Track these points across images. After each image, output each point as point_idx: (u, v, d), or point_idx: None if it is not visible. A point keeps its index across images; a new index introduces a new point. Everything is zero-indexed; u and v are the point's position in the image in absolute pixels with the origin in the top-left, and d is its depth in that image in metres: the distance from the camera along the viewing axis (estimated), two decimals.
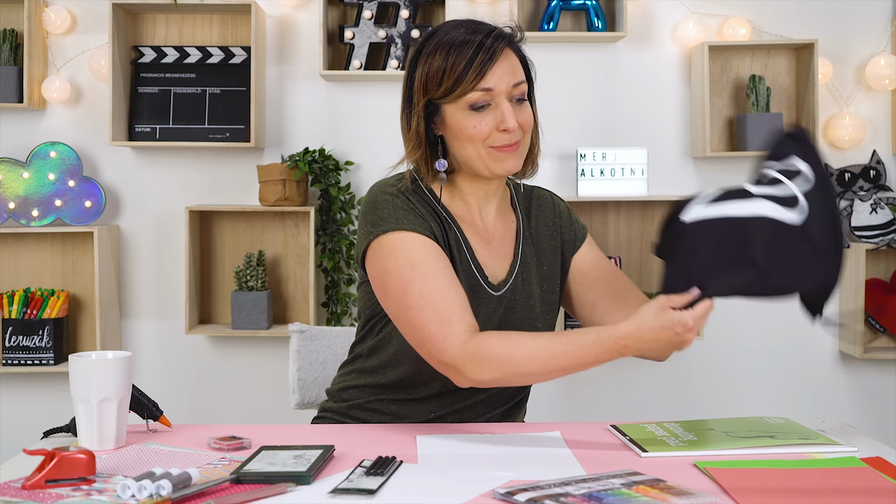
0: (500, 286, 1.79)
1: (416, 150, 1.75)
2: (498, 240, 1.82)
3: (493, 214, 1.83)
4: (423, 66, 1.73)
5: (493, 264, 1.80)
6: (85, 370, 1.54)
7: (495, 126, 1.70)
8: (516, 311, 1.79)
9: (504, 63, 1.71)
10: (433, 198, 1.78)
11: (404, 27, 3.43)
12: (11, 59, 3.43)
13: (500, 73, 1.70)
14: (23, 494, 1.32)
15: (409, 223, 1.70)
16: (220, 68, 3.51)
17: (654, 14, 3.54)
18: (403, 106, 1.78)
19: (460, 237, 1.77)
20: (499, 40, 1.72)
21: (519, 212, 1.86)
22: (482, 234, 1.81)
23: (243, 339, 3.55)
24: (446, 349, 1.60)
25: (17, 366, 3.37)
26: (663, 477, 1.37)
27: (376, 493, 1.32)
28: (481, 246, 1.80)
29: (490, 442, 1.61)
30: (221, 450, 1.56)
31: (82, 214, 3.44)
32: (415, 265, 1.66)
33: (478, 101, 1.70)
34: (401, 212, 1.72)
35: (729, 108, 3.56)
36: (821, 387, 3.61)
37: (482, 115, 1.71)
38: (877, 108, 3.57)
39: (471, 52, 1.69)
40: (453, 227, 1.77)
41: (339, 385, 1.88)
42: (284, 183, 3.35)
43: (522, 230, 1.85)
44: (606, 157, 3.41)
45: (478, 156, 1.72)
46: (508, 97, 1.71)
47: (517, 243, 1.83)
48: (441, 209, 1.78)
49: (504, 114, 1.70)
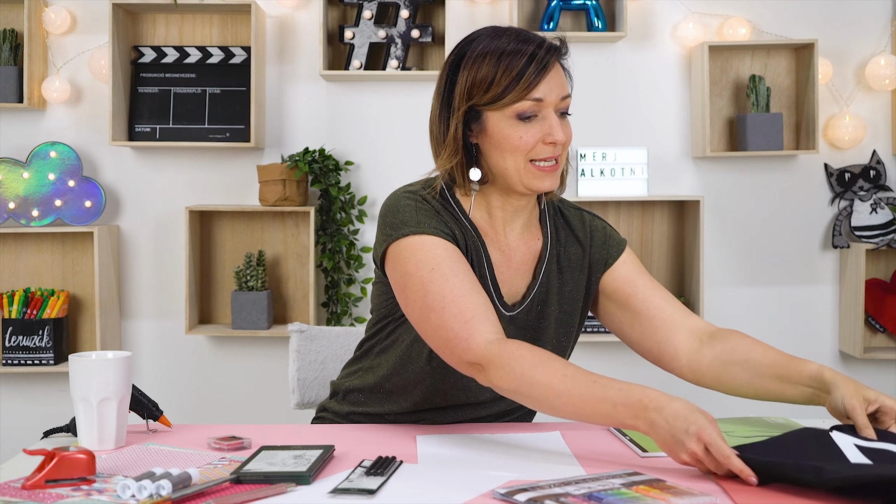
0: (514, 306, 1.75)
1: (452, 156, 1.70)
2: (519, 258, 1.77)
3: (517, 231, 1.78)
4: (468, 71, 1.68)
5: (511, 283, 1.76)
6: (85, 370, 1.54)
7: (541, 138, 1.66)
8: (526, 331, 1.76)
9: (555, 75, 1.68)
10: (460, 210, 1.73)
11: (404, 27, 3.43)
12: (11, 59, 3.43)
13: (551, 85, 1.67)
14: (23, 494, 1.32)
15: (430, 227, 1.66)
16: (220, 68, 3.51)
17: (654, 14, 3.54)
18: (440, 111, 1.72)
19: (482, 251, 1.73)
20: (551, 52, 1.68)
21: (548, 230, 1.81)
22: (504, 250, 1.77)
23: (243, 339, 3.55)
24: (470, 347, 1.56)
25: (17, 366, 3.37)
26: (663, 477, 1.37)
27: (376, 493, 1.32)
28: (501, 263, 1.76)
29: (490, 442, 1.61)
30: (221, 450, 1.56)
31: (82, 214, 3.44)
32: (435, 267, 1.63)
33: (527, 111, 1.66)
34: (422, 215, 1.68)
35: (729, 108, 3.56)
36: None
37: (529, 125, 1.67)
38: (877, 108, 3.57)
39: (524, 61, 1.65)
40: (476, 240, 1.73)
41: (346, 385, 1.86)
42: (284, 183, 3.36)
43: (549, 250, 1.79)
44: (606, 157, 3.41)
45: (516, 169, 1.68)
46: (556, 109, 1.68)
47: (539, 264, 1.78)
48: (466, 220, 1.73)
49: (552, 126, 1.66)
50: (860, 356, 3.44)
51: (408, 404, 1.79)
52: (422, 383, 1.76)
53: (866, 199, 3.54)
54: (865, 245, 3.44)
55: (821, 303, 3.61)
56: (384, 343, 1.81)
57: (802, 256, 3.60)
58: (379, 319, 1.81)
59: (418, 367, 1.74)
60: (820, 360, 3.58)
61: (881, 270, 3.59)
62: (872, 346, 3.58)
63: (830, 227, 3.58)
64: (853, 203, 3.54)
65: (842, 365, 3.61)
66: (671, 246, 3.58)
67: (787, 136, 3.54)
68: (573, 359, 3.45)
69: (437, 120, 1.73)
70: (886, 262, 3.59)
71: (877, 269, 3.59)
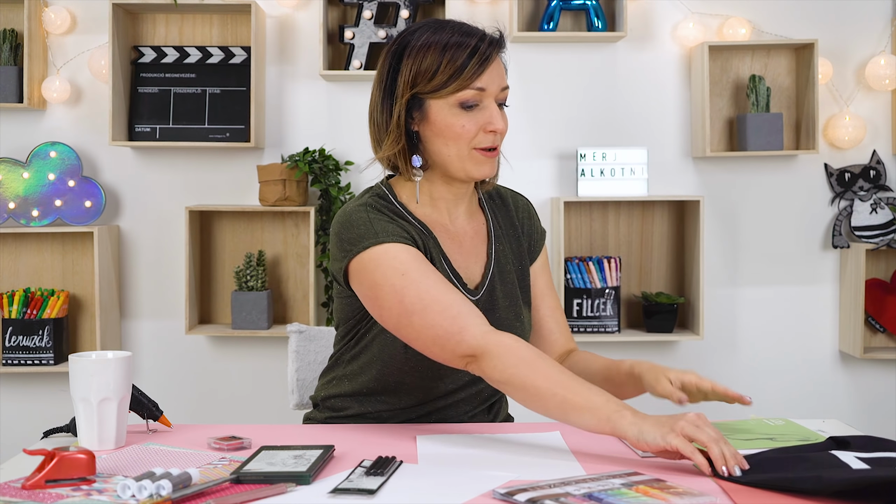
0: (477, 289, 1.79)
1: (395, 143, 1.74)
2: (469, 241, 1.82)
3: (462, 216, 1.83)
4: (412, 61, 1.72)
5: (467, 267, 1.81)
6: (85, 370, 1.54)
7: (482, 126, 1.72)
8: (496, 311, 1.79)
9: (496, 67, 1.73)
10: (406, 210, 1.77)
11: (404, 27, 3.43)
12: (11, 59, 3.43)
13: (493, 76, 1.72)
14: (23, 494, 1.32)
15: (388, 235, 1.68)
16: (220, 68, 3.51)
17: (654, 14, 3.54)
18: (382, 99, 1.75)
19: (436, 244, 1.77)
20: (493, 45, 1.73)
21: (487, 212, 1.87)
22: (454, 237, 1.81)
23: (243, 339, 3.55)
24: (465, 339, 1.59)
25: (17, 366, 3.37)
26: (663, 477, 1.37)
27: (376, 493, 1.32)
28: (454, 249, 1.80)
29: (490, 442, 1.61)
30: (221, 450, 1.56)
31: (82, 214, 3.44)
32: (405, 272, 1.65)
33: (470, 99, 1.71)
34: (378, 225, 1.70)
35: (729, 108, 3.56)
36: (821, 387, 3.61)
37: (470, 114, 1.71)
38: (877, 108, 3.57)
39: (467, 52, 1.70)
40: (428, 237, 1.76)
41: (323, 394, 1.88)
42: (284, 183, 3.35)
43: (494, 229, 1.85)
44: (606, 157, 3.41)
45: (458, 156, 1.72)
46: (496, 100, 1.73)
47: (489, 243, 1.84)
48: (414, 219, 1.77)
49: (493, 115, 1.72)
50: (860, 356, 3.44)
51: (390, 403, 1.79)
52: (400, 380, 1.77)
53: (866, 199, 3.54)
54: (865, 245, 3.44)
55: (821, 303, 3.61)
56: (353, 350, 1.83)
57: (802, 256, 3.60)
58: (347, 332, 1.83)
59: (394, 365, 1.76)
60: (820, 360, 3.61)
61: (881, 270, 3.59)
62: (872, 346, 3.58)
63: (830, 227, 3.58)
64: (853, 203, 3.54)
65: (842, 365, 3.61)
66: (671, 246, 3.57)
67: (787, 136, 3.54)
68: None
69: (380, 108, 1.76)
70: (886, 262, 3.59)
71: (877, 269, 3.59)
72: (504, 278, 1.83)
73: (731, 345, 3.58)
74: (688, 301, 3.48)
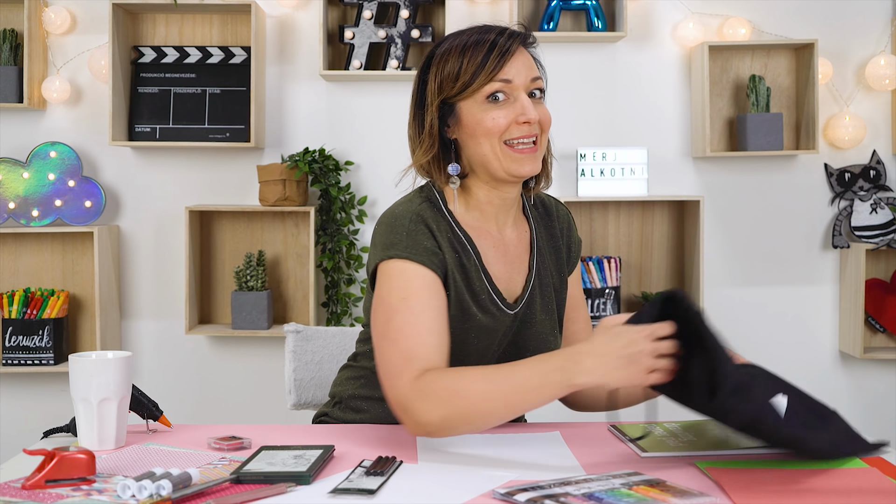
0: (516, 302, 1.75)
1: (428, 151, 1.71)
2: (513, 251, 1.77)
3: (510, 224, 1.78)
4: (436, 69, 1.71)
5: (510, 278, 1.76)
6: (85, 370, 1.54)
7: (514, 118, 1.67)
8: (533, 325, 1.76)
9: (521, 57, 1.69)
10: (452, 218, 1.72)
11: (404, 27, 3.43)
12: (11, 59, 3.43)
13: (518, 67, 1.68)
14: (23, 494, 1.32)
15: (418, 254, 1.64)
16: (220, 68, 3.51)
17: (654, 14, 3.54)
18: (415, 112, 1.74)
19: (476, 259, 1.71)
20: (513, 37, 1.70)
21: (531, 220, 1.81)
22: (499, 246, 1.76)
23: (243, 339, 3.55)
24: (396, 385, 1.54)
25: (17, 366, 3.37)
26: (663, 477, 1.37)
27: (376, 493, 1.32)
28: (498, 260, 1.75)
29: (490, 442, 1.60)
30: (221, 450, 1.56)
31: (82, 214, 3.44)
32: (406, 297, 1.61)
33: (497, 90, 1.67)
34: (413, 238, 1.65)
35: (729, 108, 3.56)
36: (821, 387, 3.61)
37: (500, 107, 1.67)
38: (877, 108, 3.57)
39: (487, 47, 1.67)
40: (471, 249, 1.71)
41: (350, 392, 1.84)
42: (284, 183, 3.36)
43: (536, 240, 1.80)
44: (606, 157, 3.41)
45: (494, 153, 1.68)
46: (526, 90, 1.69)
47: (532, 255, 1.78)
48: (459, 228, 1.72)
49: (524, 105, 1.67)
50: (860, 356, 3.44)
51: None
52: None
53: (866, 199, 3.54)
54: (865, 245, 3.44)
55: (821, 303, 3.61)
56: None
57: (802, 256, 3.60)
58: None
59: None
60: (820, 360, 3.61)
61: (881, 270, 3.59)
62: (872, 346, 3.58)
63: (830, 227, 3.58)
64: (853, 203, 3.54)
65: (842, 365, 3.62)
66: (671, 246, 3.57)
67: (787, 136, 3.54)
68: None
69: (413, 121, 1.75)
70: (886, 262, 3.59)
71: (877, 269, 3.59)
72: (544, 291, 1.78)
73: (731, 345, 3.57)
74: None
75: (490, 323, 1.71)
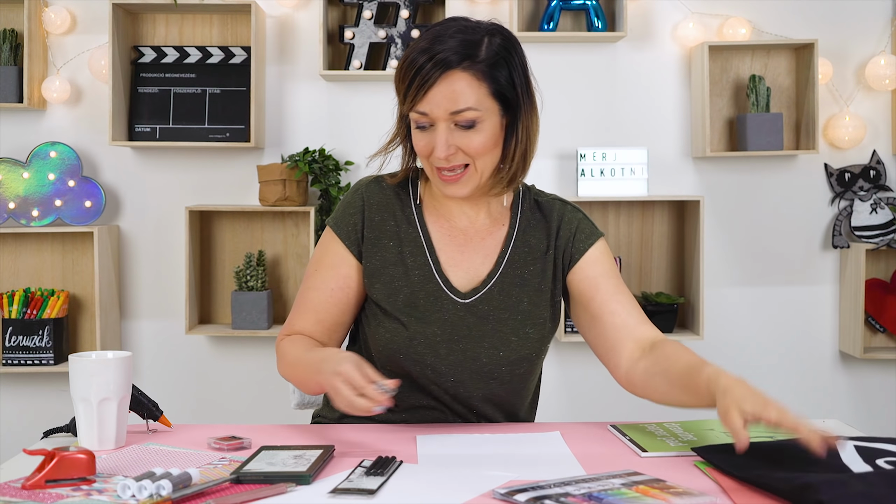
0: (470, 293, 1.75)
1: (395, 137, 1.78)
2: (478, 243, 1.78)
3: (482, 216, 1.79)
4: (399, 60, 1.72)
5: (469, 267, 1.77)
6: (85, 370, 1.54)
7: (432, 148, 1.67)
8: (487, 322, 1.74)
9: (444, 88, 1.63)
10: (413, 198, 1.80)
11: (404, 27, 3.43)
12: (11, 59, 3.43)
13: (437, 99, 1.63)
14: (23, 494, 1.32)
15: (340, 226, 1.79)
16: (220, 68, 3.51)
17: (654, 14, 3.54)
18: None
19: (423, 240, 1.76)
20: (439, 66, 1.62)
21: (518, 219, 1.81)
22: (457, 235, 1.78)
23: (243, 339, 3.55)
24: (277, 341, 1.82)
25: (17, 366, 3.37)
26: (663, 477, 1.37)
27: (376, 493, 1.32)
28: (452, 248, 1.77)
29: (490, 442, 1.61)
30: (221, 450, 1.56)
31: (82, 214, 3.44)
32: (317, 269, 1.80)
33: (418, 121, 1.68)
34: (344, 208, 1.80)
35: (729, 108, 3.56)
36: (821, 387, 3.61)
37: (423, 134, 1.68)
38: (877, 108, 3.57)
39: (413, 73, 1.65)
40: (418, 229, 1.77)
41: None
42: (284, 183, 3.36)
43: (513, 238, 1.79)
44: (606, 157, 3.41)
45: (427, 170, 1.73)
46: (450, 122, 1.65)
47: (503, 251, 1.78)
48: (417, 208, 1.79)
49: (436, 140, 1.65)
50: (860, 356, 3.44)
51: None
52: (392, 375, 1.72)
53: (866, 199, 3.54)
54: (865, 245, 3.44)
55: (821, 303, 3.61)
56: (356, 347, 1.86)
57: (802, 256, 3.60)
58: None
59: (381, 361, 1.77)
60: (820, 360, 3.61)
61: (881, 270, 3.59)
62: (872, 346, 3.58)
63: (830, 227, 3.58)
64: (853, 203, 3.54)
65: (842, 365, 3.61)
66: (671, 246, 3.57)
67: (787, 136, 3.54)
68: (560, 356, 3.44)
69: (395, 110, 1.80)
70: (886, 262, 3.59)
71: (877, 269, 3.59)
72: (512, 291, 1.76)
73: (731, 345, 3.58)
74: (688, 301, 3.48)
75: (433, 304, 1.73)
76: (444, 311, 1.73)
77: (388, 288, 1.75)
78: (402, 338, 1.72)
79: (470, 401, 1.76)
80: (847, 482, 1.25)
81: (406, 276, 1.75)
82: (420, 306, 1.73)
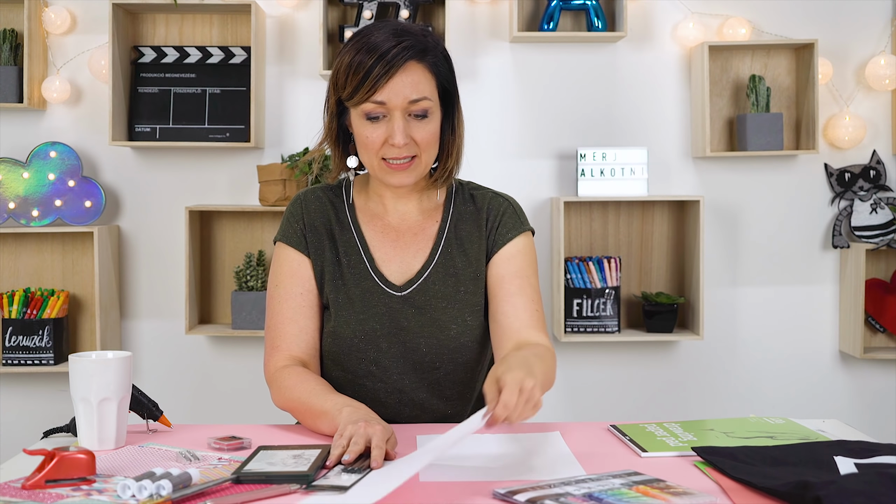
0: (405, 285, 1.81)
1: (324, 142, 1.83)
2: (411, 238, 1.84)
3: (413, 212, 1.85)
4: (336, 63, 1.75)
5: (402, 261, 1.83)
6: (85, 370, 1.54)
7: (386, 138, 1.72)
8: (427, 311, 1.80)
9: (404, 77, 1.70)
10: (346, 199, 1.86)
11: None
12: (11, 59, 3.43)
13: (397, 88, 1.70)
14: (23, 494, 1.32)
15: (288, 236, 1.84)
16: (220, 68, 3.51)
17: (654, 14, 3.54)
18: (326, 97, 1.82)
19: (357, 239, 1.83)
20: (401, 55, 1.69)
21: (451, 213, 1.86)
22: (389, 232, 1.84)
23: (243, 339, 3.55)
24: (266, 367, 1.80)
25: (17, 366, 3.37)
26: (663, 477, 1.37)
27: (348, 490, 1.31)
28: (385, 244, 1.83)
29: (490, 442, 1.61)
30: (221, 450, 1.56)
31: (82, 214, 3.44)
32: (278, 284, 1.83)
33: (371, 112, 1.72)
34: (286, 220, 1.85)
35: (729, 108, 3.56)
36: (821, 387, 3.61)
37: (376, 125, 1.73)
38: (877, 108, 3.57)
39: (371, 62, 1.69)
40: (352, 229, 1.83)
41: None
42: (284, 183, 3.36)
43: (446, 230, 1.84)
44: (606, 157, 3.41)
45: (370, 165, 1.77)
46: (405, 112, 1.72)
47: (437, 243, 1.84)
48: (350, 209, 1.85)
49: (394, 128, 1.71)
50: (860, 356, 3.44)
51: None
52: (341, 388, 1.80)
53: (866, 199, 3.54)
54: (865, 245, 3.44)
55: (821, 303, 3.61)
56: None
57: (802, 256, 3.60)
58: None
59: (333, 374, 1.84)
60: (820, 360, 3.60)
61: (881, 270, 3.59)
62: (872, 346, 3.58)
63: (830, 227, 3.58)
64: (853, 203, 3.54)
65: (842, 365, 3.61)
66: (671, 246, 3.57)
67: (787, 136, 3.54)
68: (560, 356, 3.42)
69: (324, 108, 1.83)
70: (886, 262, 3.59)
71: (877, 269, 3.59)
72: (447, 281, 1.81)
73: (731, 345, 3.58)
74: (688, 301, 3.48)
75: (369, 299, 1.79)
76: (382, 305, 1.80)
77: (330, 287, 1.82)
78: (344, 335, 1.79)
79: (417, 394, 1.81)
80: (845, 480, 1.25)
81: (343, 276, 1.81)
82: (358, 303, 1.79)
